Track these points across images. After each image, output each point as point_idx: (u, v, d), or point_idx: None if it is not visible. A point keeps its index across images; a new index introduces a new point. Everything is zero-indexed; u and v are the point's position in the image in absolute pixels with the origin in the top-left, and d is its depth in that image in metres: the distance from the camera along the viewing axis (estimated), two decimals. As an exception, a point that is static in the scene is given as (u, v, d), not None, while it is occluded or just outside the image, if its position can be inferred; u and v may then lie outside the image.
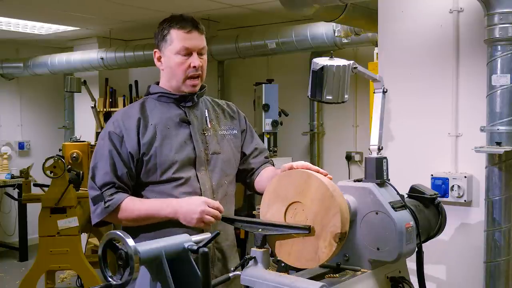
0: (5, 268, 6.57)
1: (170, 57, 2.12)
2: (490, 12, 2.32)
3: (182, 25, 2.12)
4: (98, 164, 2.07)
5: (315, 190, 1.69)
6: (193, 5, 5.24)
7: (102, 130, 2.20)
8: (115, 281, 1.31)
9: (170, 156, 2.07)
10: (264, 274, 1.67)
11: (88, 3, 5.15)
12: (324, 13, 3.28)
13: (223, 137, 2.23)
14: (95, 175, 2.06)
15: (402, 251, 1.72)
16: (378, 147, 1.91)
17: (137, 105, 2.16)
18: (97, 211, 2.04)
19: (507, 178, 2.34)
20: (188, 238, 1.46)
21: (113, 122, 2.11)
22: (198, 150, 2.12)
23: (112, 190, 2.03)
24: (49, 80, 8.01)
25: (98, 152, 2.09)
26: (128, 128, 2.08)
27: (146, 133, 2.08)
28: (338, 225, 1.62)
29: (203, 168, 2.13)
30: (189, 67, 2.11)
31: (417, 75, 2.78)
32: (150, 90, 2.20)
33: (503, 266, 2.35)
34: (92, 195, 2.06)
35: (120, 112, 2.16)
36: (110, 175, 2.04)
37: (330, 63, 1.79)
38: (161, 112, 2.13)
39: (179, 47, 2.10)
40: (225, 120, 2.29)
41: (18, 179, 6.55)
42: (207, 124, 2.20)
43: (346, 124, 5.87)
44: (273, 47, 5.32)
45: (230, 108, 2.37)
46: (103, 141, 2.08)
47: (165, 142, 2.08)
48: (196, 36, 2.14)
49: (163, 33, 2.14)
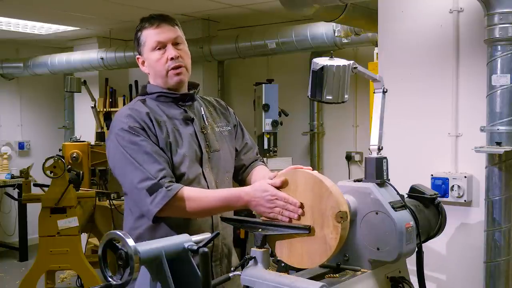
0: (5, 268, 6.57)
1: (149, 57, 2.12)
2: (490, 12, 2.32)
3: (150, 22, 2.13)
4: (138, 159, 1.95)
5: (304, 182, 1.71)
6: (193, 5, 5.25)
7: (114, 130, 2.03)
8: (115, 281, 1.31)
9: (182, 151, 2.05)
10: (264, 274, 1.67)
11: (88, 3, 5.15)
12: (324, 13, 3.28)
13: (220, 134, 2.23)
14: (145, 167, 1.93)
15: (402, 251, 1.72)
16: (378, 147, 1.91)
17: (140, 103, 2.11)
18: (157, 199, 1.89)
19: (507, 178, 2.34)
20: (188, 238, 1.46)
21: (126, 117, 2.02)
22: (203, 148, 2.13)
23: (168, 179, 1.93)
24: (49, 80, 8.01)
25: (129, 150, 1.96)
26: (144, 122, 2.01)
27: (159, 128, 2.03)
28: (334, 205, 1.62)
29: (207, 166, 2.13)
30: (167, 60, 2.09)
31: (417, 75, 2.78)
32: (148, 90, 2.16)
33: (503, 266, 2.35)
34: (147, 185, 1.91)
35: (126, 110, 2.08)
36: (158, 163, 1.94)
37: (330, 63, 1.79)
38: (165, 111, 2.11)
39: (152, 43, 2.10)
40: (218, 117, 2.29)
41: (18, 179, 6.55)
42: (205, 122, 2.20)
43: (346, 124, 5.87)
44: (273, 47, 5.32)
45: (220, 104, 2.36)
46: (129, 137, 1.97)
47: (176, 138, 2.06)
48: (167, 28, 2.12)
49: (137, 37, 2.16)
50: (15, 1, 5.07)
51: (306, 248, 1.69)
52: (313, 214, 1.68)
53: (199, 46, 5.67)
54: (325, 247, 1.65)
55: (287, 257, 1.74)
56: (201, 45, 5.68)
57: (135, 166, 1.95)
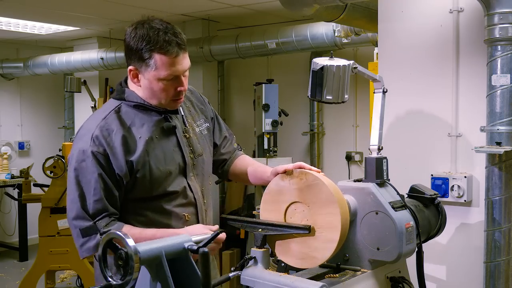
0: (5, 268, 6.57)
1: (153, 82, 1.89)
2: (490, 12, 2.32)
3: (167, 50, 1.85)
4: (85, 190, 1.83)
5: (316, 189, 1.69)
6: (193, 5, 5.25)
7: (77, 145, 1.88)
8: (115, 281, 1.31)
9: (164, 168, 1.93)
10: (264, 274, 1.67)
11: (88, 3, 5.15)
12: (324, 13, 3.28)
13: (200, 134, 2.11)
14: (84, 204, 1.83)
15: (402, 251, 1.72)
16: (378, 147, 1.92)
17: (113, 116, 1.92)
18: (89, 244, 1.83)
19: (507, 178, 2.34)
20: (188, 238, 1.46)
21: (92, 139, 1.85)
22: (186, 157, 2.01)
23: (106, 220, 1.83)
24: (49, 80, 8.01)
25: (82, 176, 1.84)
26: (112, 146, 1.86)
27: (135, 149, 1.88)
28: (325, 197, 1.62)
29: (191, 175, 2.03)
30: (174, 91, 1.92)
31: (417, 75, 2.78)
32: (126, 97, 1.97)
33: (503, 266, 2.35)
34: (81, 226, 1.83)
35: (96, 126, 1.89)
36: (102, 202, 1.83)
37: (330, 63, 1.80)
38: (143, 121, 1.94)
39: (165, 74, 1.87)
40: (197, 114, 2.14)
41: (18, 179, 6.55)
42: (185, 125, 2.06)
43: (346, 124, 5.87)
44: (273, 47, 5.32)
45: (196, 97, 2.19)
46: (86, 162, 1.83)
47: (156, 155, 1.92)
48: (182, 57, 1.90)
49: (143, 56, 1.86)
50: (15, 1, 5.07)
51: (306, 248, 1.69)
52: (312, 212, 1.68)
53: (199, 46, 5.67)
54: (325, 247, 1.65)
55: (287, 257, 1.74)
56: (201, 45, 5.68)
57: (77, 198, 1.84)
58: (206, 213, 2.09)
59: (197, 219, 2.04)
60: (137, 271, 1.31)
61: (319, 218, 1.66)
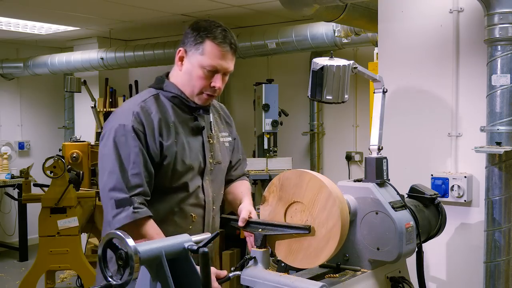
0: (5, 268, 6.57)
1: (194, 67, 1.97)
2: (490, 12, 2.32)
3: (219, 41, 1.94)
4: (125, 162, 1.86)
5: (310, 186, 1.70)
6: (193, 5, 5.24)
7: (117, 119, 1.92)
8: (115, 281, 1.31)
9: (188, 162, 1.98)
10: (264, 274, 1.67)
11: (88, 3, 5.15)
12: (324, 13, 3.28)
13: (223, 144, 2.17)
14: (125, 176, 1.85)
15: (402, 251, 1.73)
16: (378, 147, 1.92)
17: (152, 100, 1.99)
18: (122, 215, 1.83)
19: (507, 178, 2.34)
20: (188, 238, 1.46)
21: (134, 115, 1.91)
22: (206, 160, 2.06)
23: (141, 199, 1.86)
24: (49, 80, 8.01)
25: (122, 150, 1.87)
26: (150, 126, 1.92)
27: (167, 135, 1.94)
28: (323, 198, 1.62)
29: (207, 178, 2.07)
30: (209, 86, 1.98)
31: (417, 75, 2.78)
32: (165, 87, 2.04)
33: (503, 266, 2.35)
34: (117, 197, 1.84)
35: (136, 104, 1.95)
36: (141, 176, 1.86)
37: (330, 63, 1.80)
38: (176, 114, 2.01)
39: (208, 63, 1.94)
40: (223, 126, 2.22)
41: (18, 179, 6.55)
42: (211, 131, 2.12)
43: (346, 124, 5.87)
44: (273, 47, 5.32)
45: (225, 113, 2.28)
46: (126, 137, 1.87)
47: (183, 147, 1.98)
48: (229, 57, 1.98)
49: (196, 39, 1.96)
50: (15, 1, 5.07)
51: (306, 248, 1.69)
52: (314, 213, 1.68)
53: (199, 46, 5.67)
54: (325, 247, 1.65)
55: (287, 257, 1.74)
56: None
57: (116, 169, 1.86)
58: (214, 219, 2.12)
59: (203, 221, 2.07)
60: (137, 271, 1.31)
61: (319, 218, 1.66)
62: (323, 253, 1.65)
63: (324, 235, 1.65)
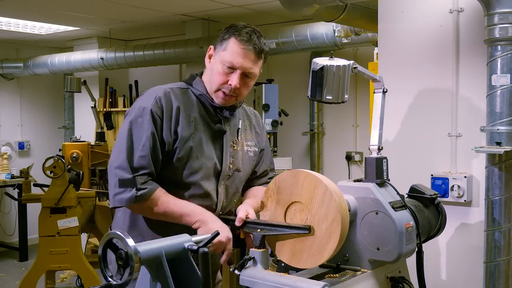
0: (5, 268, 6.57)
1: (216, 62, 1.99)
2: (490, 12, 2.32)
3: (243, 39, 1.94)
4: (134, 143, 1.89)
5: (307, 184, 1.69)
6: (193, 5, 5.24)
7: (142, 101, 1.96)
8: (115, 281, 1.31)
9: (202, 160, 1.97)
10: (264, 275, 1.67)
11: (88, 3, 5.15)
12: (324, 13, 3.28)
13: (246, 153, 2.14)
14: (131, 156, 1.88)
15: (402, 251, 1.72)
16: (378, 147, 1.92)
17: (179, 91, 2.01)
18: (123, 196, 1.87)
19: (507, 178, 2.34)
20: (188, 238, 1.46)
21: (155, 99, 1.93)
22: (225, 164, 2.05)
23: (145, 178, 1.88)
24: (49, 80, 8.01)
25: (135, 131, 1.91)
26: (169, 112, 1.93)
27: (187, 127, 1.95)
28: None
29: (223, 183, 2.06)
30: (226, 83, 1.97)
31: (417, 75, 2.78)
32: (194, 84, 2.05)
33: (503, 266, 2.35)
34: (121, 176, 1.88)
35: (162, 90, 1.98)
36: (147, 159, 1.88)
37: (330, 63, 1.80)
38: (200, 112, 2.01)
39: (227, 59, 1.95)
40: (251, 135, 2.19)
41: (18, 179, 6.55)
42: (237, 137, 2.11)
43: (346, 124, 5.87)
44: (273, 47, 5.31)
45: (257, 122, 2.26)
46: (143, 118, 1.90)
47: (200, 144, 1.97)
48: (251, 58, 1.96)
49: (223, 36, 1.99)
50: (15, 1, 5.07)
51: (306, 248, 1.69)
52: (314, 212, 1.68)
53: (199, 46, 5.67)
54: (325, 247, 1.65)
55: (287, 257, 1.74)
56: (201, 45, 5.68)
57: (125, 149, 1.90)
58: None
59: None
60: (137, 271, 1.31)
61: (319, 214, 1.66)
62: (327, 250, 1.64)
63: (325, 231, 1.64)
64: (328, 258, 1.66)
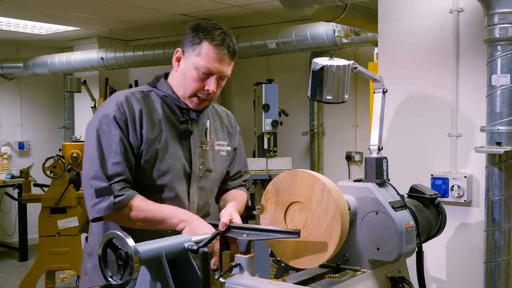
0: (5, 268, 6.57)
1: (189, 68, 1.94)
2: (490, 12, 2.32)
3: (217, 44, 1.92)
4: (105, 151, 1.87)
5: (305, 184, 1.68)
6: (193, 5, 5.25)
7: (102, 110, 1.94)
8: (115, 281, 1.31)
9: (170, 162, 1.94)
10: (252, 282, 1.59)
11: (88, 3, 5.15)
12: (324, 13, 3.28)
13: (217, 153, 2.11)
14: (104, 165, 1.86)
15: (402, 251, 1.72)
16: (378, 147, 1.92)
17: (140, 94, 1.98)
18: (101, 205, 1.84)
19: (507, 178, 2.34)
20: (188, 238, 1.46)
21: (117, 105, 1.91)
22: (194, 165, 2.01)
23: (122, 184, 1.86)
24: (49, 80, 8.01)
25: (104, 139, 1.89)
26: (132, 116, 1.91)
27: (150, 129, 1.93)
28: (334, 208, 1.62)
29: (194, 185, 2.02)
30: (202, 89, 1.95)
31: (417, 75, 2.78)
32: (159, 86, 2.03)
33: (503, 266, 2.35)
34: (97, 186, 1.85)
35: (123, 96, 1.95)
36: (121, 165, 1.86)
37: (330, 63, 1.79)
38: (165, 113, 1.99)
39: (203, 65, 1.92)
40: (222, 134, 2.16)
41: (18, 179, 6.55)
42: (206, 137, 2.08)
43: (346, 124, 5.87)
44: (273, 47, 5.32)
45: (229, 121, 2.23)
46: (109, 126, 1.89)
47: (166, 146, 1.95)
48: (226, 61, 1.95)
49: (194, 40, 1.94)
50: (15, 1, 5.07)
51: (306, 248, 1.69)
52: (314, 210, 1.68)
53: (199, 46, 5.67)
54: (325, 247, 1.65)
55: (287, 257, 1.73)
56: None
57: (97, 158, 1.87)
58: None
59: None
60: (137, 271, 1.31)
61: (318, 212, 1.66)
62: (328, 247, 1.63)
63: (325, 228, 1.64)
64: (330, 256, 1.65)
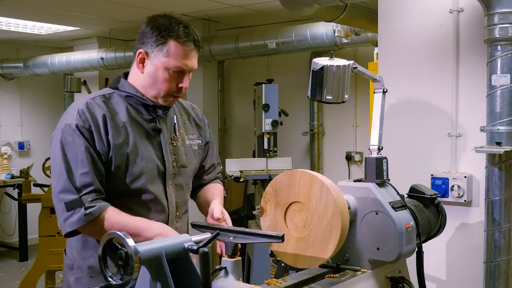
0: (5, 268, 6.57)
1: (159, 69, 1.88)
2: (490, 12, 2.32)
3: (184, 41, 1.87)
4: (71, 163, 1.79)
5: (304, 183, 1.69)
6: (193, 5, 5.25)
7: (63, 120, 1.86)
8: (115, 281, 1.31)
9: (142, 165, 1.88)
10: (235, 286, 1.58)
11: (88, 3, 5.15)
12: (324, 13, 3.28)
13: (189, 147, 2.07)
14: (71, 177, 1.78)
15: (402, 251, 1.72)
16: (378, 147, 1.92)
17: (101, 99, 1.91)
18: (73, 218, 1.77)
19: (507, 178, 2.34)
20: (188, 238, 1.45)
21: (78, 114, 1.83)
22: (167, 163, 1.96)
23: (93, 196, 1.78)
24: (49, 80, 8.02)
25: (68, 150, 1.80)
26: (96, 122, 1.83)
27: (116, 134, 1.85)
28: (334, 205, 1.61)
29: (170, 183, 1.98)
30: (175, 87, 1.90)
31: (417, 75, 2.78)
32: (120, 87, 1.96)
33: (503, 266, 2.35)
34: (67, 199, 1.77)
35: (83, 103, 1.88)
36: (90, 175, 1.78)
37: (330, 63, 1.80)
38: (130, 115, 1.91)
39: (173, 64, 1.86)
40: (192, 128, 2.12)
41: (18, 179, 6.55)
42: (175, 133, 2.02)
43: (346, 124, 5.87)
44: (273, 47, 5.32)
45: (196, 114, 2.18)
46: (72, 137, 1.80)
47: (136, 149, 1.88)
48: (194, 55, 1.92)
49: (158, 40, 1.87)
50: (15, 1, 5.07)
51: (306, 248, 1.69)
52: (315, 209, 1.68)
53: (199, 46, 5.67)
54: (330, 239, 1.64)
55: (287, 257, 1.73)
56: (201, 45, 5.67)
57: (64, 171, 1.79)
58: (177, 228, 2.00)
59: None
60: (137, 271, 1.31)
61: (318, 211, 1.66)
62: (329, 245, 1.63)
63: (326, 226, 1.64)
64: (331, 255, 1.65)
